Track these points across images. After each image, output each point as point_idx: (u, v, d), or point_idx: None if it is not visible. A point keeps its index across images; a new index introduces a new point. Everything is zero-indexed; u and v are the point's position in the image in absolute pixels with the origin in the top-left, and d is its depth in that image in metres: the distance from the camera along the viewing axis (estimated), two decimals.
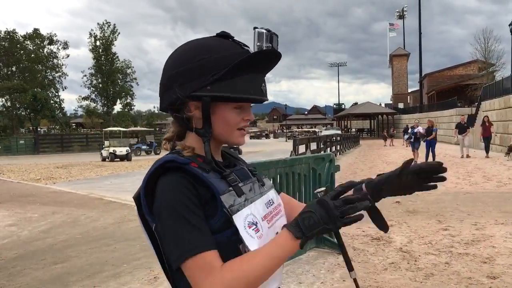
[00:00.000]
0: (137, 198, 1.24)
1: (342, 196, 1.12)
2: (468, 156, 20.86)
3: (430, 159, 17.99)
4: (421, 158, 18.08)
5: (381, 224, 1.30)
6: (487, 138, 21.43)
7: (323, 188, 1.31)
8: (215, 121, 1.24)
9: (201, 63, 1.19)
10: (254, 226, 1.17)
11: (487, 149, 21.47)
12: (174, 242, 1.09)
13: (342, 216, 1.09)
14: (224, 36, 1.25)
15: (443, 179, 1.28)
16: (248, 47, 1.25)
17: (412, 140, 19.34)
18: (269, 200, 1.30)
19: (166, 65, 1.27)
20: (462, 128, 21.54)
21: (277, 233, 1.23)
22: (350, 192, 1.29)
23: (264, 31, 1.24)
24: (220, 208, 1.14)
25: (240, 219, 1.14)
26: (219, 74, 1.18)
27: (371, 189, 1.31)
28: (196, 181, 1.16)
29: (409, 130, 20.34)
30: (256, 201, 1.24)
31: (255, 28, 1.25)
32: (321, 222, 1.09)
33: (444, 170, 1.27)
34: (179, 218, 1.10)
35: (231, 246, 1.14)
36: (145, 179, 1.19)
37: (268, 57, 1.25)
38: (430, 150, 18.49)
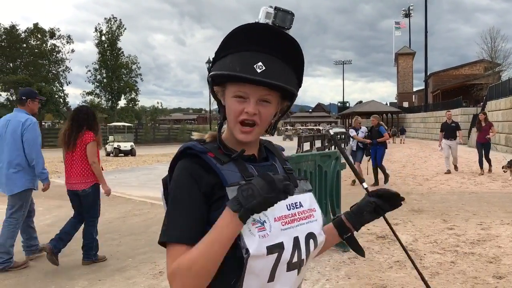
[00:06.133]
0: (164, 180, 1.29)
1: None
2: (456, 169, 14.95)
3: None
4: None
5: (358, 249, 1.41)
6: (482, 144, 14.37)
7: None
8: (226, 109, 1.25)
9: (217, 49, 1.24)
10: (259, 224, 1.14)
11: (482, 162, 14.34)
12: (166, 222, 1.17)
13: (285, 190, 1.06)
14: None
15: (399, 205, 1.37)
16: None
17: (353, 148, 12.66)
18: (294, 203, 1.25)
19: None
20: (449, 130, 14.77)
21: (296, 237, 1.21)
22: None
23: (270, 9, 1.21)
24: (226, 200, 1.14)
25: None
26: (217, 55, 1.23)
27: (353, 219, 1.38)
28: (208, 170, 1.18)
29: (350, 132, 13.06)
30: None
31: (265, 6, 1.22)
32: (260, 192, 1.05)
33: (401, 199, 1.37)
34: (178, 203, 1.17)
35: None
36: (170, 164, 1.26)
37: (255, 33, 1.19)
38: (372, 159, 12.41)
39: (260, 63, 1.16)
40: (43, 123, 59.57)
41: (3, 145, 5.46)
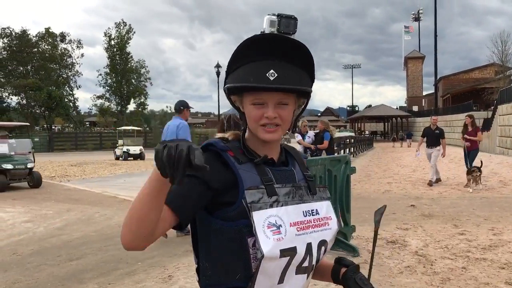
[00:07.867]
0: None
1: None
2: (437, 181, 13.07)
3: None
4: None
5: None
6: (469, 151, 12.49)
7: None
8: (246, 115, 1.31)
9: (228, 62, 1.31)
10: (275, 228, 1.18)
11: (468, 165, 12.17)
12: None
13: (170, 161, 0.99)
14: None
15: None
16: None
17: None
18: (311, 210, 1.29)
19: None
20: (432, 137, 12.74)
21: (309, 243, 1.25)
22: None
23: (274, 17, 1.27)
24: (239, 199, 1.20)
25: (260, 217, 1.18)
26: (229, 68, 1.30)
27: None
28: (226, 167, 1.24)
29: (296, 137, 11.55)
30: (290, 206, 1.25)
31: (268, 14, 1.29)
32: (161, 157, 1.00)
33: None
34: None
35: (239, 236, 1.20)
36: None
37: (263, 44, 1.24)
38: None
39: (272, 71, 1.22)
40: (53, 127, 60.01)
41: None
